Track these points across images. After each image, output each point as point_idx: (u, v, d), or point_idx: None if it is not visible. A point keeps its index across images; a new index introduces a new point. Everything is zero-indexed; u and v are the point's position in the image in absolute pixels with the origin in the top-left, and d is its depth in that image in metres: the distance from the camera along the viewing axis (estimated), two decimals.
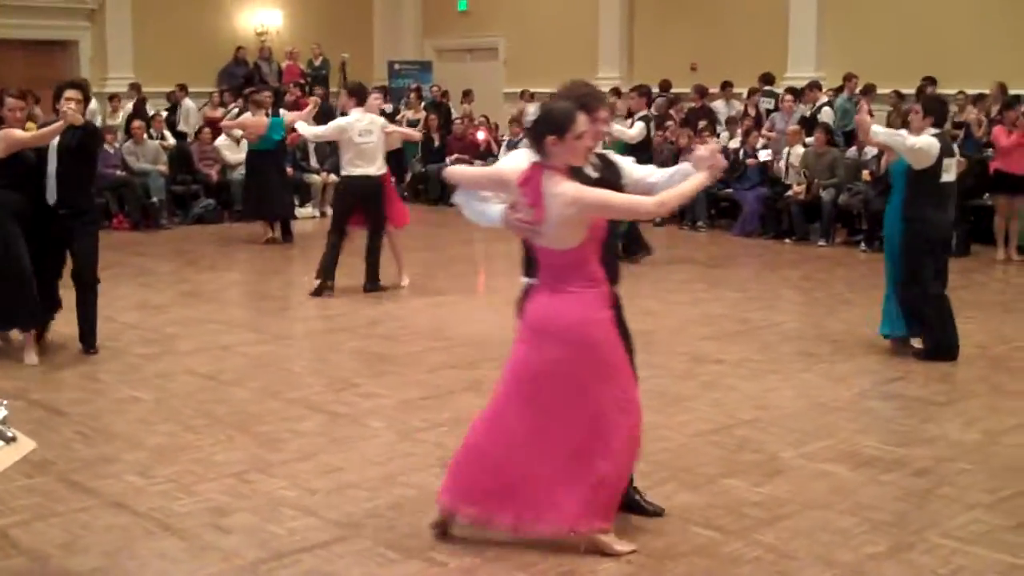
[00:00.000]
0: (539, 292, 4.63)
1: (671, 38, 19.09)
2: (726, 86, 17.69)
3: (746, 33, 17.95)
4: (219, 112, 17.90)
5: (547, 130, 4.47)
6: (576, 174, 4.53)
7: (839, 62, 16.73)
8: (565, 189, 4.42)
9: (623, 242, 12.51)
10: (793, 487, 5.45)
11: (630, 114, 12.92)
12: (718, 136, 16.01)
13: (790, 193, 14.24)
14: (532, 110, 13.76)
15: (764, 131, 15.82)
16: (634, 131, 12.17)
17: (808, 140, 14.54)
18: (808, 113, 15.66)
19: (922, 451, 5.98)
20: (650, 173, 4.99)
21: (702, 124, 15.88)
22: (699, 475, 5.61)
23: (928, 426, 6.45)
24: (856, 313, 9.50)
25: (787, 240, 14.00)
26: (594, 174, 4.71)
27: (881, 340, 8.26)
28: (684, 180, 4.71)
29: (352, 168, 10.24)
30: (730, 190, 15.16)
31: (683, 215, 15.21)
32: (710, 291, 10.81)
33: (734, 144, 15.76)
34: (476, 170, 5.04)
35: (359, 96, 10.40)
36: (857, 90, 15.64)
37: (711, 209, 15.67)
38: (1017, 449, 6.02)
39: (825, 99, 15.88)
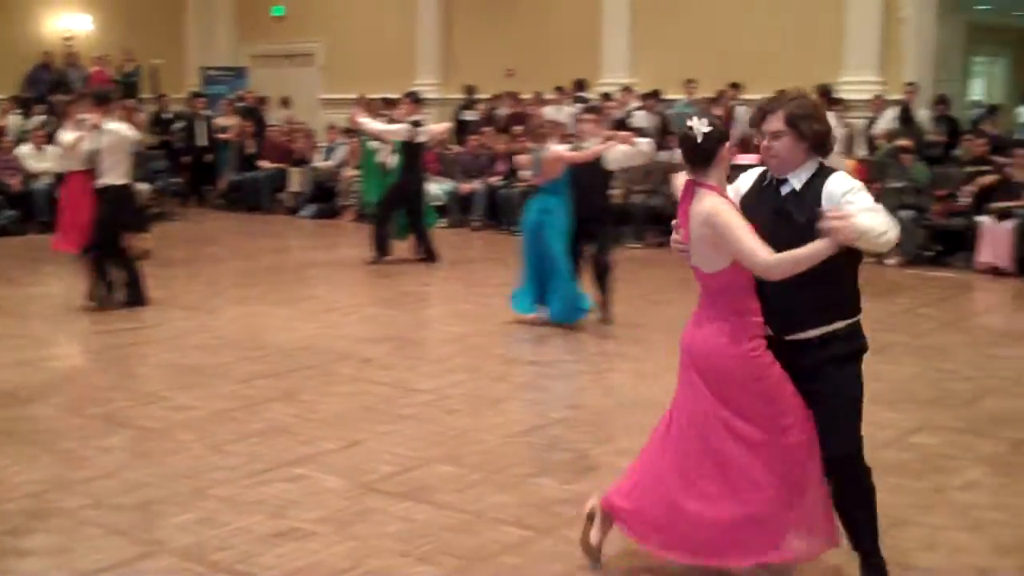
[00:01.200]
0: (692, 318, 4.30)
1: (488, 44, 19.26)
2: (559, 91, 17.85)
3: (562, 39, 18.26)
4: (8, 120, 17.23)
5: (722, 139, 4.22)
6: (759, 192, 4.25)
7: (651, 68, 17.20)
8: (704, 206, 4.12)
9: (423, 249, 12.62)
10: (603, 483, 5.53)
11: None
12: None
13: None
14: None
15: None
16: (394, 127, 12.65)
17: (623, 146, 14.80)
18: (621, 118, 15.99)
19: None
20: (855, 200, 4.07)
21: (518, 130, 16.08)
22: (511, 475, 5.67)
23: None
24: (667, 311, 9.73)
25: None
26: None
27: None
28: None
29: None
30: None
31: (500, 219, 15.35)
32: None
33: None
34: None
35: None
36: (696, 95, 16.03)
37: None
38: None
39: (635, 104, 16.23)
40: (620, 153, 9.27)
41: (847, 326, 4.14)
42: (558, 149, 9.13)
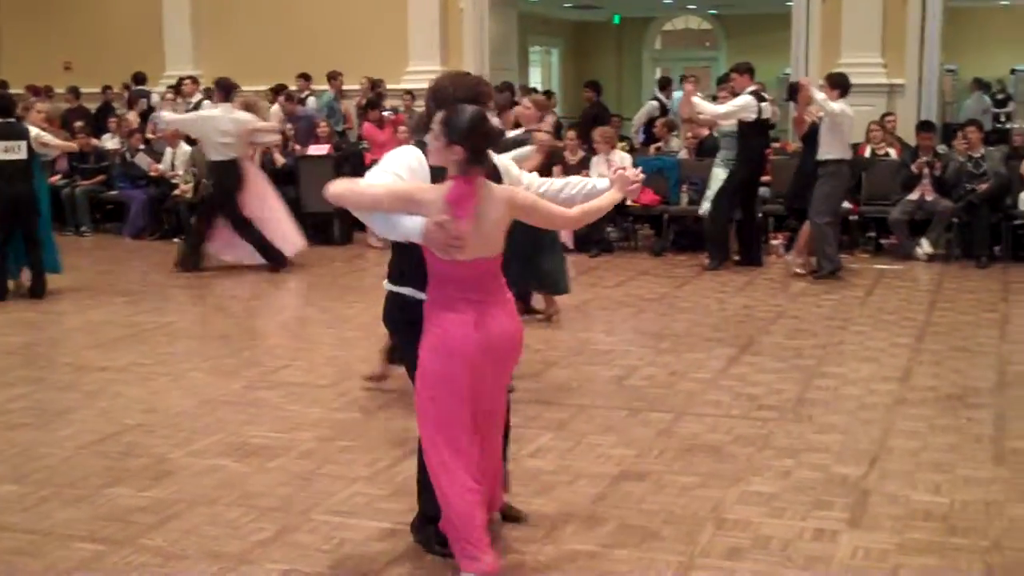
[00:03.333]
0: (489, 312, 4.21)
1: (42, 37, 18.21)
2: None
3: (122, 32, 17.61)
4: None
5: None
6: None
7: (217, 59, 16.88)
8: (499, 192, 4.27)
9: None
10: (181, 486, 5.42)
11: None
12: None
13: (177, 192, 14.12)
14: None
15: (148, 131, 15.48)
16: None
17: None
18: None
19: (307, 434, 6.20)
20: (542, 182, 4.82)
21: (78, 125, 15.33)
22: (83, 488, 5.40)
23: (313, 409, 6.69)
24: (228, 306, 9.64)
25: (176, 239, 13.81)
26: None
27: (277, 329, 8.45)
28: (594, 195, 4.71)
29: None
30: (115, 192, 14.81)
31: (65, 220, 14.57)
32: (95, 297, 10.44)
33: (114, 144, 15.40)
34: (372, 189, 4.16)
35: None
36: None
37: (95, 213, 15.15)
38: (390, 422, 6.42)
39: (200, 96, 15.83)
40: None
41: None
42: None
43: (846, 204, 11.95)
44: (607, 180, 4.75)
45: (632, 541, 4.69)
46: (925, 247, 11.74)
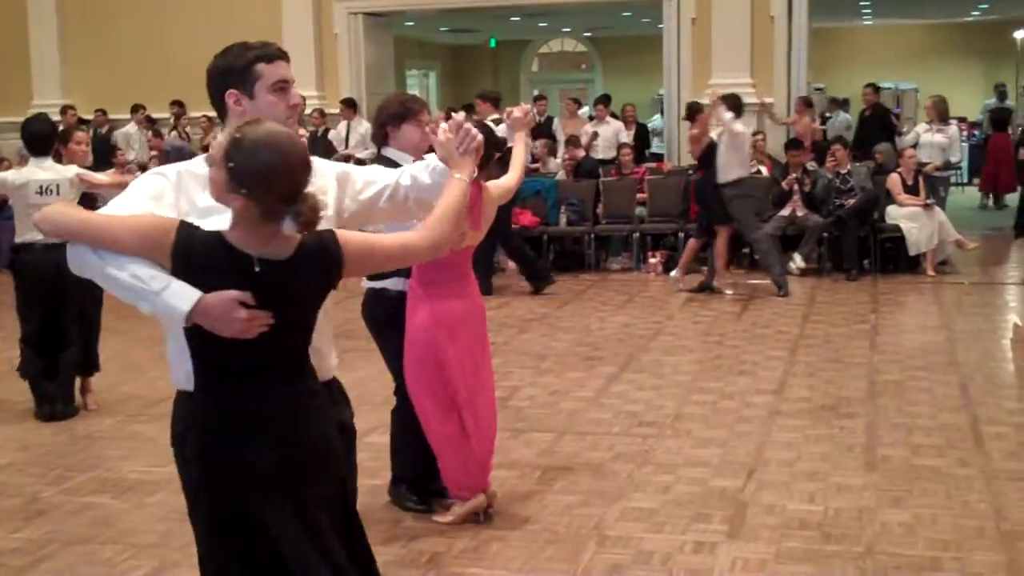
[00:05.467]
0: (461, 293, 5.03)
1: None
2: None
3: None
4: None
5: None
6: None
7: (87, 88, 16.59)
8: (493, 190, 5.02)
9: None
10: (55, 526, 5.28)
11: None
12: None
13: None
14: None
15: None
16: None
17: None
18: None
19: None
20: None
21: None
22: None
23: None
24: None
25: None
26: None
27: (153, 361, 8.28)
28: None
29: None
30: None
31: None
32: None
33: None
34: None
35: None
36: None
37: None
38: None
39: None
40: None
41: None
42: None
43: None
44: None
45: (515, 563, 4.71)
46: (798, 262, 12.03)
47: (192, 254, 2.70)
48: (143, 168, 12.99)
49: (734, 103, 11.00)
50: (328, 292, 2.90)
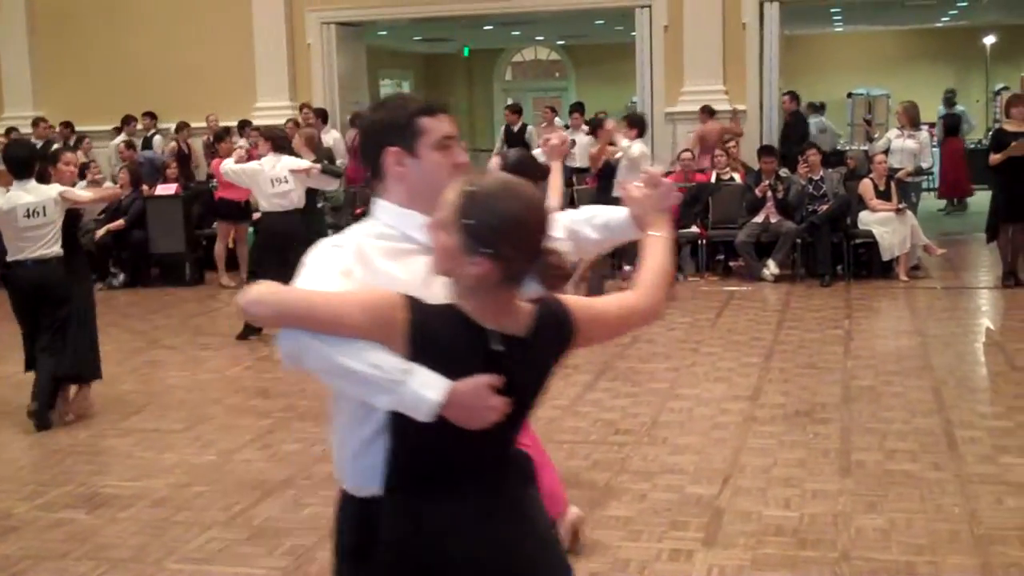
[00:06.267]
0: None
1: None
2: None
3: None
4: None
5: None
6: None
7: (58, 100, 16.53)
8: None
9: None
10: (28, 542, 5.24)
11: None
12: None
13: None
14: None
15: None
16: None
17: None
18: None
19: (160, 481, 6.05)
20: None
21: None
22: None
23: (166, 455, 6.54)
24: None
25: None
26: None
27: (127, 374, 8.25)
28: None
29: None
30: None
31: None
32: None
33: None
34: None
35: None
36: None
37: None
38: (247, 464, 6.32)
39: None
40: None
41: None
42: None
43: (694, 229, 12.30)
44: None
45: None
46: (772, 268, 12.07)
47: (428, 332, 2.30)
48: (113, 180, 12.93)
49: (635, 122, 11.41)
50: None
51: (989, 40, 24.33)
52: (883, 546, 4.85)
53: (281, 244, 9.30)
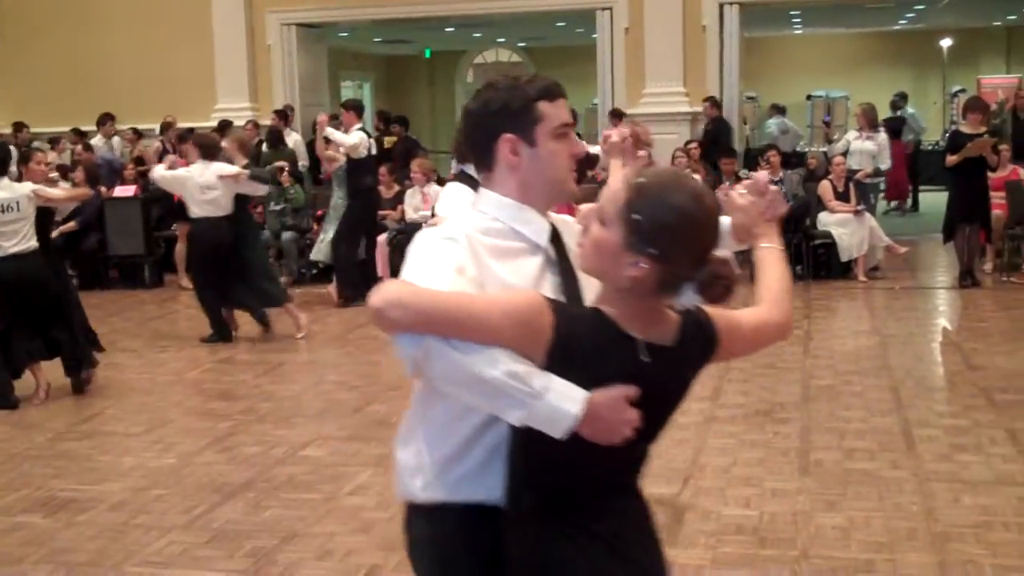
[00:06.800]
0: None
1: None
2: None
3: None
4: None
5: None
6: None
7: (11, 101, 16.39)
8: None
9: None
10: None
11: None
12: None
13: None
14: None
15: None
16: None
17: None
18: None
19: (118, 485, 6.00)
20: None
21: None
22: None
23: (125, 459, 6.48)
24: None
25: None
26: None
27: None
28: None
29: None
30: None
31: None
32: None
33: None
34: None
35: None
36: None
37: None
38: (207, 467, 6.27)
39: None
40: None
41: None
42: None
43: None
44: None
45: None
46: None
47: (572, 340, 2.10)
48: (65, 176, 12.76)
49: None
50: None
51: (946, 43, 24.56)
52: (842, 544, 4.88)
53: (212, 250, 9.35)
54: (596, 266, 2.17)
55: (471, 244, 2.24)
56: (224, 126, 14.22)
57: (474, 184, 3.33)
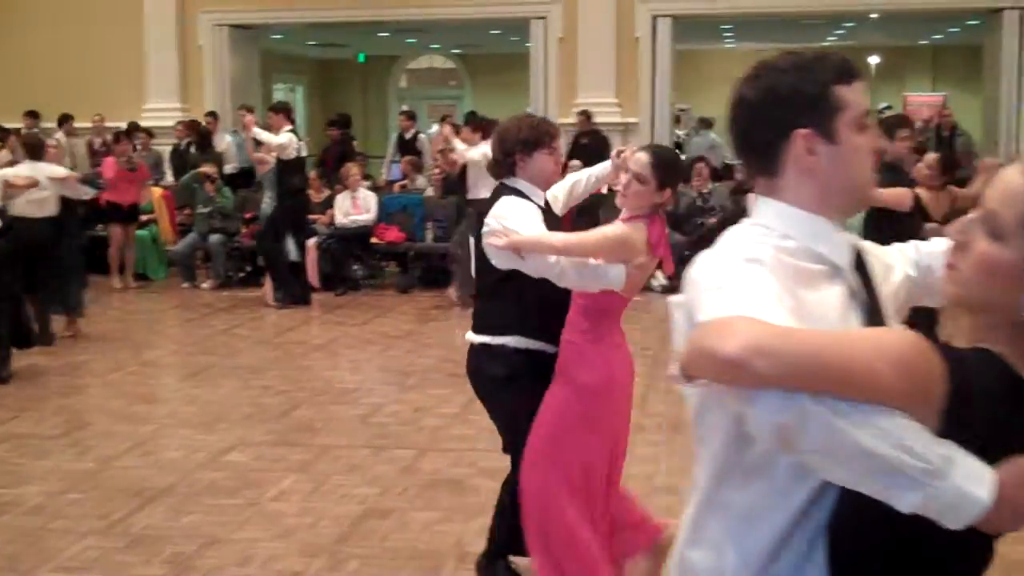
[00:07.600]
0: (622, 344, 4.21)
1: None
2: None
3: None
4: None
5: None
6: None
7: None
8: None
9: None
10: None
11: None
12: None
13: None
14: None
15: None
16: None
17: None
18: None
19: (35, 488, 5.90)
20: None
21: None
22: None
23: (42, 462, 6.37)
24: None
25: None
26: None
27: None
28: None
29: None
30: None
31: None
32: None
33: None
34: (587, 239, 3.96)
35: None
36: None
37: None
38: (127, 471, 6.19)
39: None
40: None
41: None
42: None
43: None
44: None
45: None
46: (659, 279, 12.21)
47: (967, 395, 1.56)
48: None
49: (481, 125, 11.35)
50: None
51: (874, 60, 24.98)
52: None
53: (31, 251, 9.21)
54: (983, 294, 1.64)
55: (778, 267, 1.73)
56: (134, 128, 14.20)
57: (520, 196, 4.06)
